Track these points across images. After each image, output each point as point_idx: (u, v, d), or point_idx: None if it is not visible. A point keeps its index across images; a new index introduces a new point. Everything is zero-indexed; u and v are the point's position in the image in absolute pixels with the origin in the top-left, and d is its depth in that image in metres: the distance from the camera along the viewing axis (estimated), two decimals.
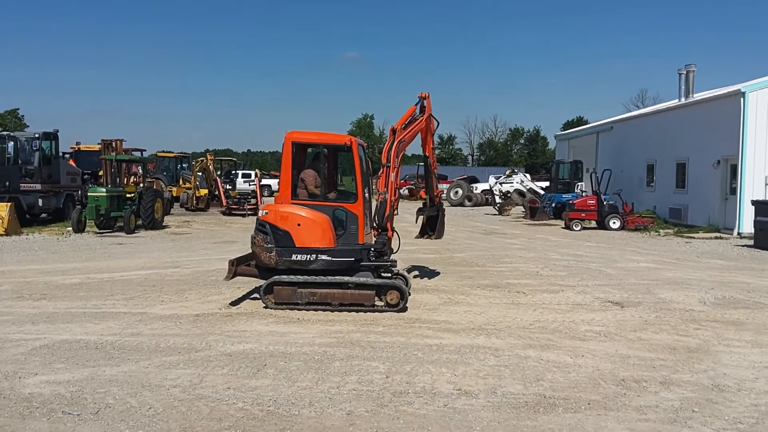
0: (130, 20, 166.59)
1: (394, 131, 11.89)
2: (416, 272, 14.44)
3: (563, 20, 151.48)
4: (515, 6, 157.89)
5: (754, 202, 21.93)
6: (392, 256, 11.42)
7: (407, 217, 21.14)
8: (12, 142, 25.83)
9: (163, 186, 35.35)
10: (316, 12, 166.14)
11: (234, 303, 11.32)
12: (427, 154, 13.65)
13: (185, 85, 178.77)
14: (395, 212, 11.64)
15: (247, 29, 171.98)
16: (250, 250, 11.35)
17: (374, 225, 11.44)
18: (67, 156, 35.04)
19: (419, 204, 15.04)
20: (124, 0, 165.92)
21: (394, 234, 11.56)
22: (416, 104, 12.75)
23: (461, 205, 47.77)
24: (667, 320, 10.41)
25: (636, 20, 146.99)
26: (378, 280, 10.89)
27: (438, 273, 14.84)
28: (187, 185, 37.24)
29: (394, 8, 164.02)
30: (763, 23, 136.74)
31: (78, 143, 38.66)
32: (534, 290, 12.85)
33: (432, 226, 14.12)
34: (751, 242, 21.67)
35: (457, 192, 49.35)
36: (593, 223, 28.33)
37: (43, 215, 27.12)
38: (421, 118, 12.63)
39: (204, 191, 36.35)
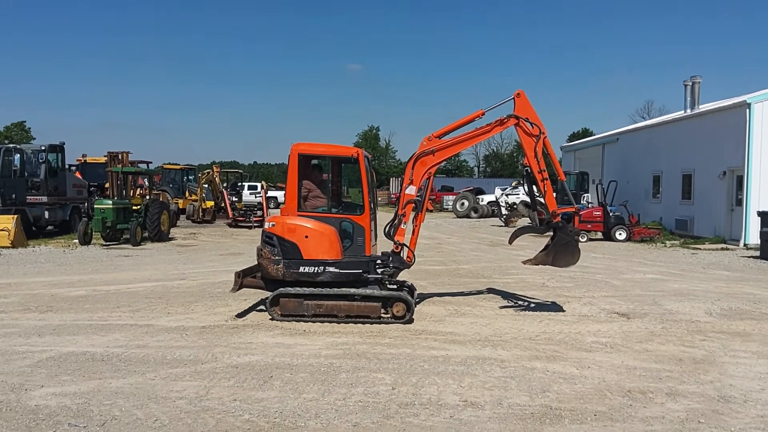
0: (136, 33, 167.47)
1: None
2: (423, 284, 14.42)
3: (568, 31, 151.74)
4: (520, 17, 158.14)
5: (760, 213, 21.88)
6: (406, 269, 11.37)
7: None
8: (18, 155, 25.91)
9: (170, 198, 35.38)
10: (320, 24, 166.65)
11: (240, 315, 11.33)
12: (525, 163, 11.90)
13: (191, 98, 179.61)
14: (407, 223, 11.38)
15: (252, 41, 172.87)
16: (257, 262, 11.36)
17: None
18: (73, 168, 35.12)
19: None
20: (130, 13, 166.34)
21: (406, 249, 11.28)
22: (486, 109, 11.64)
23: (467, 216, 47.81)
24: (673, 331, 10.39)
25: (642, 32, 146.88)
26: (384, 292, 10.88)
27: (444, 284, 14.86)
28: (194, 197, 37.33)
29: (397, 20, 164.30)
30: None
31: (84, 155, 38.72)
32: (540, 302, 12.83)
33: (553, 251, 11.73)
34: (758, 253, 21.63)
35: (463, 203, 49.38)
36: (599, 235, 28.31)
37: (50, 227, 27.20)
38: (491, 126, 11.62)
39: (210, 203, 36.40)
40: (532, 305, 12.55)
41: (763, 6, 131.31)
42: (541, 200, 11.89)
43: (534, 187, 11.87)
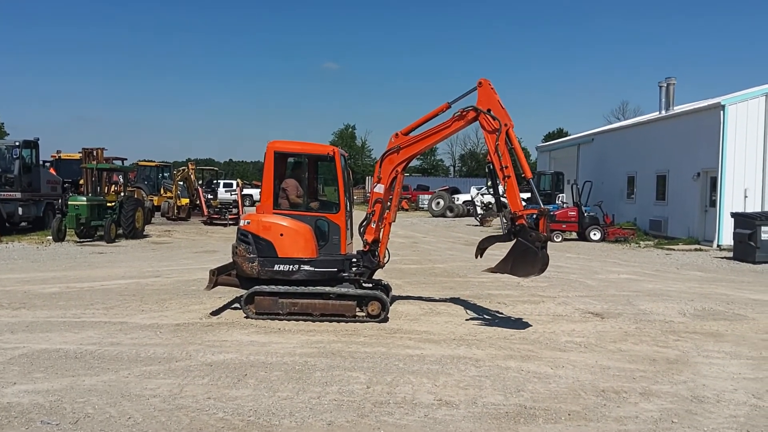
0: (111, 28, 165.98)
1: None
2: (398, 282, 14.43)
3: (544, 32, 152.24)
4: (495, 18, 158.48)
5: (733, 215, 22.11)
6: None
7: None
8: None
9: (144, 195, 35.20)
10: (296, 23, 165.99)
11: (215, 313, 11.27)
12: (488, 159, 10.89)
13: (166, 94, 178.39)
14: (377, 222, 11.30)
15: (227, 39, 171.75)
16: (232, 260, 11.31)
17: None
18: (47, 164, 34.83)
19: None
20: (106, 8, 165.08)
21: (383, 248, 11.30)
22: (452, 101, 11.00)
23: (443, 215, 47.88)
24: (647, 331, 10.46)
25: (617, 33, 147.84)
26: (359, 291, 10.87)
27: (420, 283, 14.88)
28: (168, 194, 37.13)
29: (373, 19, 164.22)
30: (743, 37, 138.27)
31: (58, 151, 38.47)
32: (515, 301, 12.87)
33: (511, 257, 10.42)
34: (731, 254, 21.85)
35: (438, 203, 49.44)
36: (574, 235, 28.44)
37: (23, 224, 26.96)
38: (450, 120, 10.91)
39: (185, 201, 36.27)
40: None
41: (739, 9, 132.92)
42: (505, 200, 11.02)
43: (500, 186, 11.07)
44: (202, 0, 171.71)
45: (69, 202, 24.28)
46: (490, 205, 39.11)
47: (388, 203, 11.28)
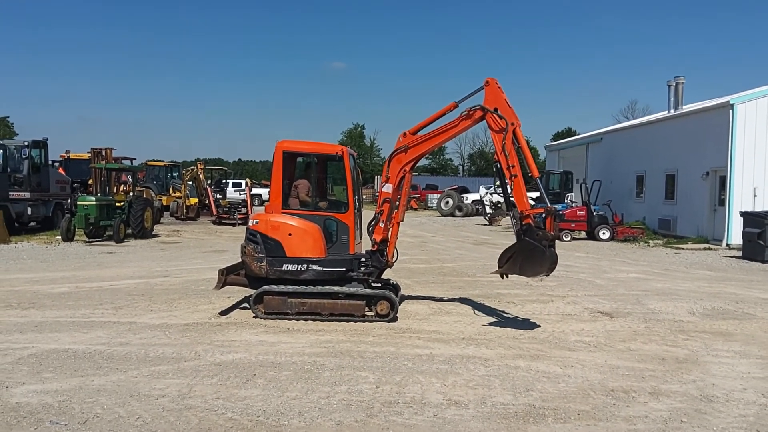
0: (112, 28, 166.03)
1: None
2: (407, 282, 14.41)
3: (552, 32, 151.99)
4: (503, 17, 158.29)
5: (742, 214, 22.01)
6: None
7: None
8: (1, 150, 25.79)
9: (153, 195, 35.29)
10: (303, 22, 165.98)
11: (223, 312, 11.28)
12: (496, 159, 10.72)
13: (175, 94, 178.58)
14: (385, 222, 11.30)
15: (236, 38, 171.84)
16: (240, 260, 11.32)
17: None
18: (56, 164, 34.98)
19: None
20: (106, 8, 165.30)
21: (391, 248, 11.29)
22: (459, 101, 10.99)
23: (452, 215, 47.86)
24: (656, 331, 10.43)
25: (625, 32, 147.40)
26: (368, 291, 10.86)
27: (429, 283, 14.86)
28: (177, 194, 37.22)
29: (380, 18, 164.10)
30: (752, 36, 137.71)
31: (67, 151, 38.64)
32: (524, 300, 12.85)
33: (519, 258, 10.27)
34: (740, 253, 21.77)
35: (447, 202, 49.41)
36: (583, 234, 28.40)
37: (32, 224, 27.03)
38: (457, 120, 10.88)
39: (194, 200, 36.33)
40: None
41: (748, 8, 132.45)
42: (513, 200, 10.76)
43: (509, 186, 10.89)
44: (202, 0, 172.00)
45: (78, 202, 24.36)
46: (499, 205, 39.07)
47: (397, 202, 11.27)
